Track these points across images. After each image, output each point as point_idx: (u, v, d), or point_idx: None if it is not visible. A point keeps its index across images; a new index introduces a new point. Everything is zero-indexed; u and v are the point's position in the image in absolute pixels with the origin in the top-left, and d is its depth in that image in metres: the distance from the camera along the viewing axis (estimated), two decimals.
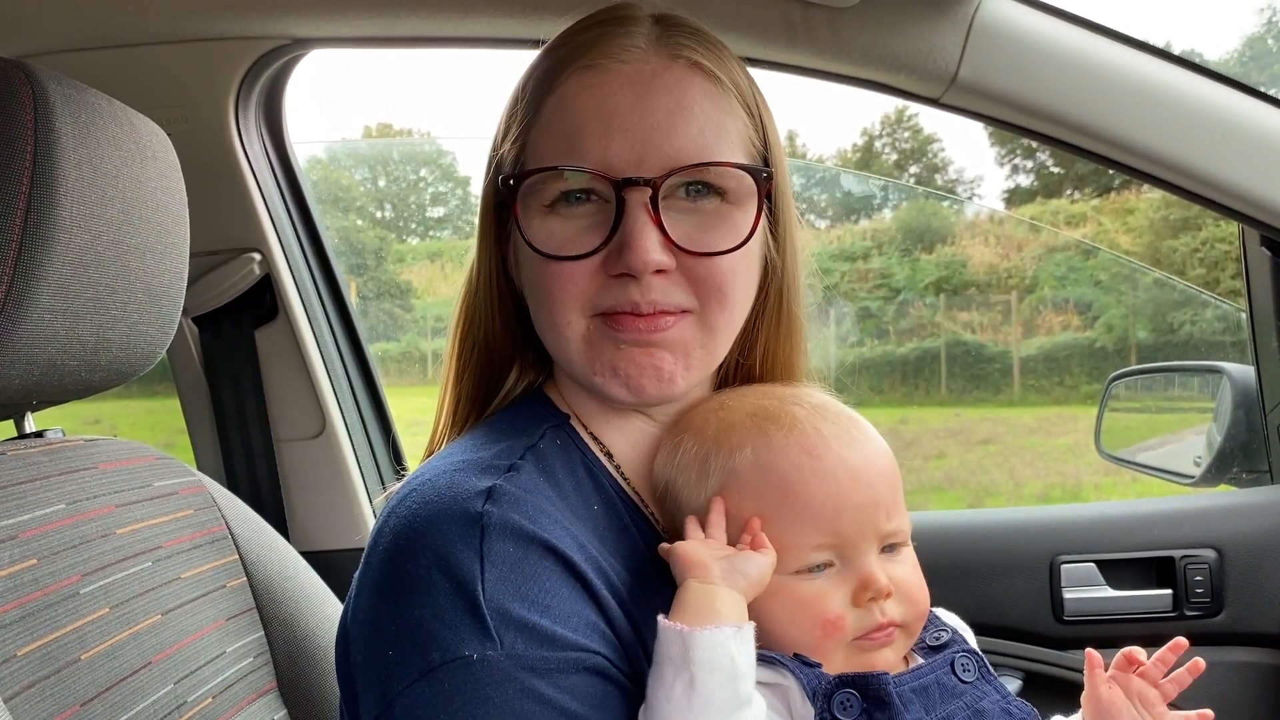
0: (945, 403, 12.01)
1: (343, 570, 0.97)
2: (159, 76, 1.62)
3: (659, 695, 0.72)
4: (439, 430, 0.97)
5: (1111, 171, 1.41)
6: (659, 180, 0.81)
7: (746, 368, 0.97)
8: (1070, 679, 1.56)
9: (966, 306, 12.99)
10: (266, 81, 1.71)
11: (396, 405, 1.98)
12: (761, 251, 0.91)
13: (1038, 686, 1.58)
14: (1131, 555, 1.58)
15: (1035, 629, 1.59)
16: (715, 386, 0.97)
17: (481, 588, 0.71)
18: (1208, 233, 11.33)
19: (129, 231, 0.96)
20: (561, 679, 0.71)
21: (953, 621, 0.92)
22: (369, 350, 1.95)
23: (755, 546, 0.79)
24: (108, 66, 1.59)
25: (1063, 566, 1.58)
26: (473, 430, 0.91)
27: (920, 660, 0.84)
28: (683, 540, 0.80)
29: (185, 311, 1.50)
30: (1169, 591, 1.56)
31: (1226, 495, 1.71)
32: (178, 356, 1.83)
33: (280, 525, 1.81)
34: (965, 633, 0.91)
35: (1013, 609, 1.59)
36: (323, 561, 1.35)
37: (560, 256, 0.83)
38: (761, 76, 0.94)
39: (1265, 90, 1.33)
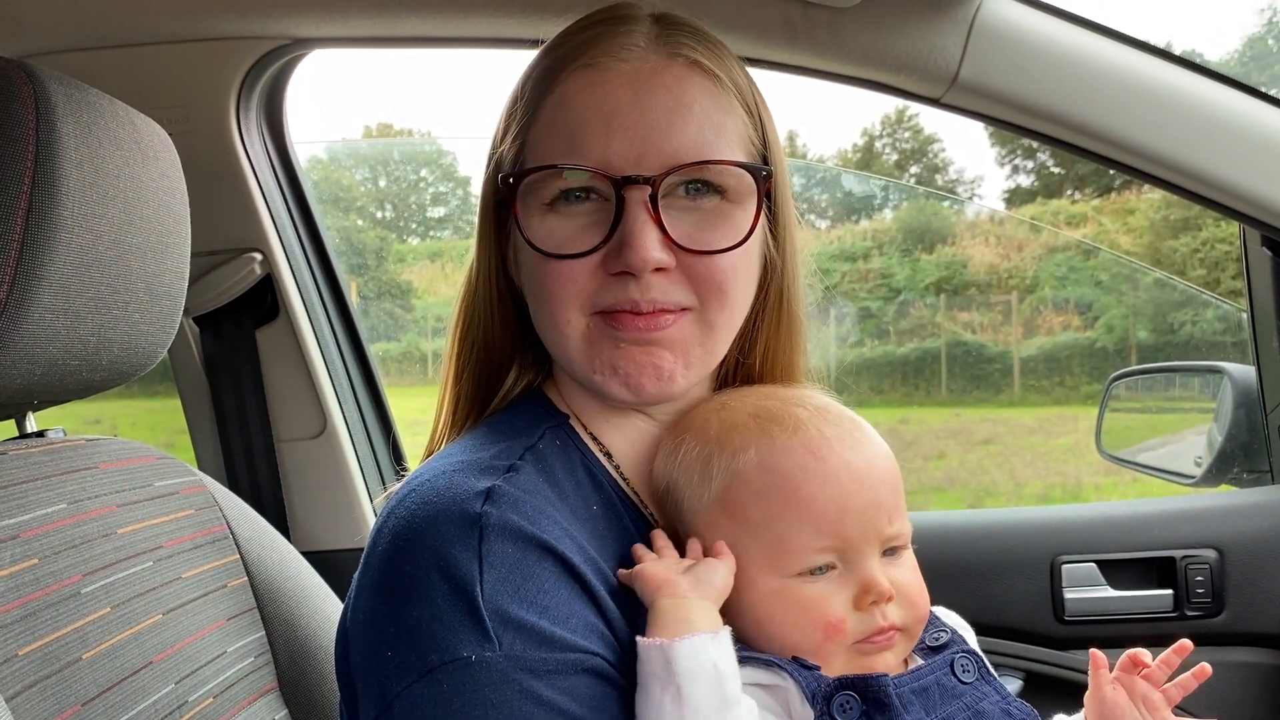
0: (945, 403, 12.01)
1: (343, 570, 0.97)
2: (160, 76, 1.62)
3: (649, 713, 0.72)
4: (438, 430, 0.97)
5: (1112, 172, 1.41)
6: (658, 178, 0.81)
7: (746, 367, 0.97)
8: (1071, 679, 1.56)
9: (967, 307, 12.99)
10: (267, 81, 1.71)
11: (397, 405, 1.98)
12: (761, 250, 0.91)
13: (1038, 687, 1.58)
14: (1132, 555, 1.58)
15: (1036, 629, 1.59)
16: (715, 387, 0.97)
17: (480, 589, 0.71)
18: (1208, 233, 11.32)
19: (130, 231, 0.96)
20: (560, 680, 0.71)
21: (952, 621, 0.92)
22: (370, 350, 1.95)
23: (714, 554, 0.80)
24: (109, 66, 1.59)
25: (1063, 566, 1.58)
26: (472, 430, 0.91)
27: (920, 661, 0.84)
28: (642, 563, 0.80)
29: (186, 311, 1.50)
30: (1170, 592, 1.56)
31: (1227, 495, 1.71)
32: (179, 356, 1.83)
33: (281, 525, 1.81)
34: (965, 631, 0.91)
35: (1013, 609, 1.59)
36: (323, 561, 1.35)
37: (560, 255, 0.83)
38: (761, 76, 0.94)
39: (1265, 90, 1.33)
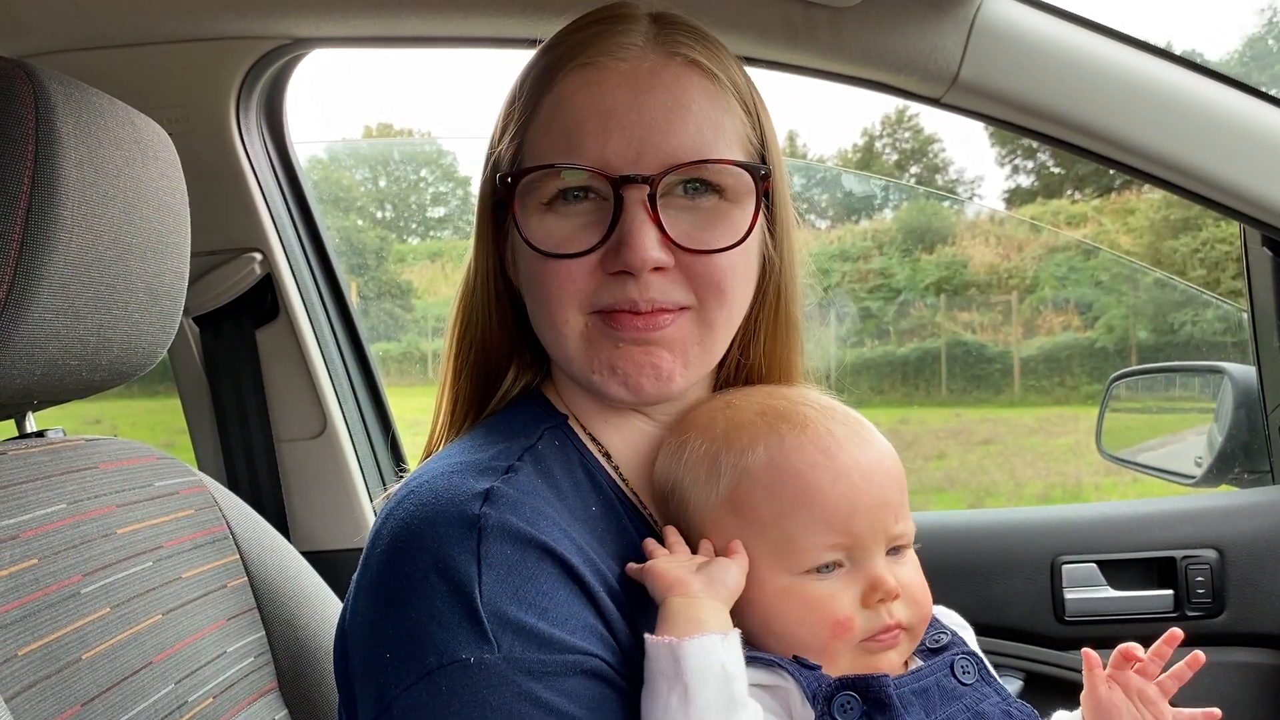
0: (946, 403, 12.01)
1: (343, 570, 0.97)
2: (160, 76, 1.62)
3: (655, 711, 0.71)
4: (437, 431, 0.96)
5: (1112, 172, 1.41)
6: (657, 178, 0.81)
7: (745, 367, 0.97)
8: (1071, 679, 1.56)
9: (967, 307, 12.99)
10: (267, 81, 1.71)
11: (397, 405, 1.98)
12: (759, 250, 0.91)
13: (1039, 687, 1.58)
14: (1132, 555, 1.58)
15: (1036, 629, 1.59)
16: (714, 387, 0.97)
17: (479, 590, 0.71)
18: (1208, 233, 11.32)
19: (130, 231, 0.96)
20: (559, 682, 0.71)
21: (953, 621, 0.92)
22: (370, 350, 1.95)
23: (727, 553, 0.80)
24: (109, 66, 1.59)
25: (1064, 567, 1.58)
26: (471, 431, 0.91)
27: (920, 663, 0.84)
28: (654, 559, 0.80)
29: (186, 311, 1.49)
30: (1170, 592, 1.56)
31: (1227, 495, 1.71)
32: (179, 356, 1.83)
33: (281, 525, 1.81)
34: (965, 632, 0.91)
35: (1014, 609, 1.59)
36: (323, 561, 1.35)
37: (558, 254, 0.83)
38: (762, 76, 0.94)
39: (1265, 90, 1.33)
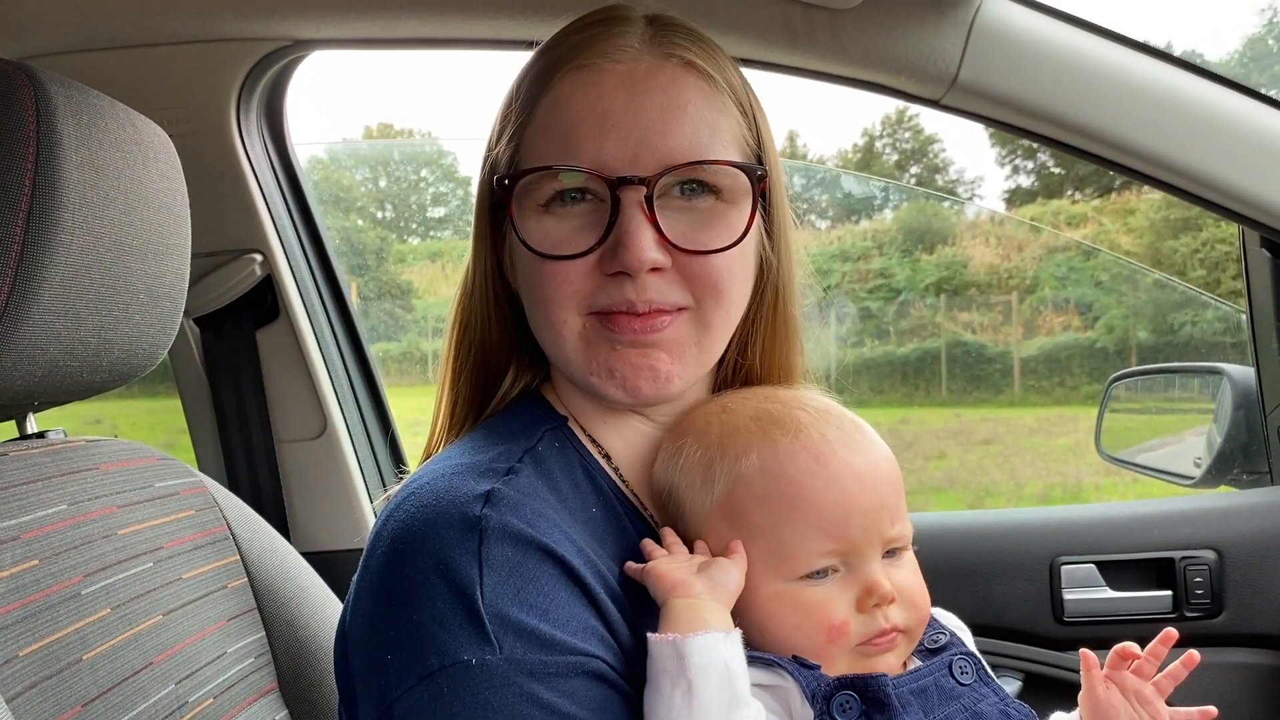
0: (946, 403, 12.00)
1: (343, 571, 0.97)
2: (161, 78, 1.62)
3: (659, 709, 0.72)
4: (436, 432, 0.97)
5: (1112, 173, 1.41)
6: (653, 179, 0.81)
7: (744, 368, 0.97)
8: (1070, 680, 1.56)
9: (967, 307, 12.98)
10: (268, 83, 1.71)
11: (397, 405, 1.98)
12: (757, 250, 0.91)
13: (1038, 688, 1.58)
14: (1132, 556, 1.58)
15: (1035, 630, 1.59)
16: (714, 387, 0.98)
17: (480, 592, 0.71)
18: (1208, 234, 11.31)
19: (131, 233, 0.97)
20: (561, 683, 0.71)
21: (950, 622, 0.92)
22: (370, 350, 1.95)
23: (727, 553, 0.80)
24: (110, 68, 1.59)
25: (1063, 568, 1.58)
26: (470, 433, 0.91)
27: (918, 663, 0.84)
28: (654, 561, 0.80)
29: (187, 312, 1.50)
30: (1169, 593, 1.57)
31: (1226, 496, 1.71)
32: (179, 357, 1.83)
33: (281, 526, 1.82)
34: (963, 632, 0.91)
35: (1013, 610, 1.59)
36: (323, 562, 1.35)
37: (556, 255, 0.83)
38: (762, 77, 0.94)
39: (1265, 91, 1.33)
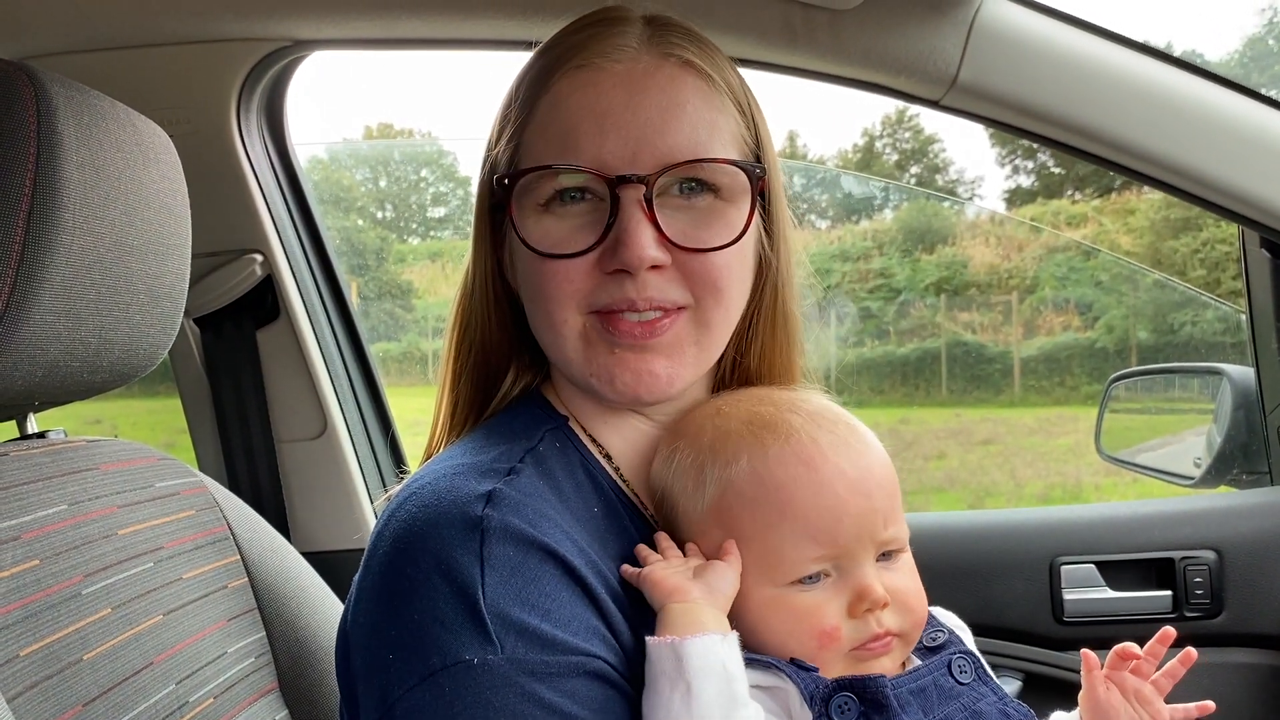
0: (946, 403, 12.00)
1: (344, 570, 0.97)
2: (161, 78, 1.62)
3: (658, 711, 0.72)
4: (437, 433, 0.97)
5: (1112, 173, 1.41)
6: (652, 177, 0.81)
7: (743, 367, 0.97)
8: (1070, 680, 1.56)
9: (967, 307, 12.98)
10: (268, 83, 1.71)
11: (397, 405, 1.98)
12: (756, 249, 0.91)
13: (1037, 688, 1.58)
14: (1131, 556, 1.58)
15: (1035, 630, 1.59)
16: (713, 387, 0.98)
17: (482, 592, 0.71)
18: (1208, 234, 11.31)
19: (131, 233, 0.97)
20: (562, 683, 0.71)
21: (950, 621, 0.92)
22: (370, 350, 1.95)
23: (721, 555, 0.80)
24: (110, 68, 1.59)
25: (1063, 568, 1.58)
26: (471, 433, 0.91)
27: (917, 662, 0.84)
28: (649, 565, 0.80)
29: (187, 312, 1.50)
30: (1169, 593, 1.57)
31: (1226, 497, 1.71)
32: (179, 357, 1.84)
33: (281, 526, 1.82)
34: (962, 631, 0.91)
35: (1013, 610, 1.59)
36: (324, 562, 1.35)
37: (556, 254, 0.83)
38: (762, 78, 0.95)
39: (1265, 91, 1.33)
